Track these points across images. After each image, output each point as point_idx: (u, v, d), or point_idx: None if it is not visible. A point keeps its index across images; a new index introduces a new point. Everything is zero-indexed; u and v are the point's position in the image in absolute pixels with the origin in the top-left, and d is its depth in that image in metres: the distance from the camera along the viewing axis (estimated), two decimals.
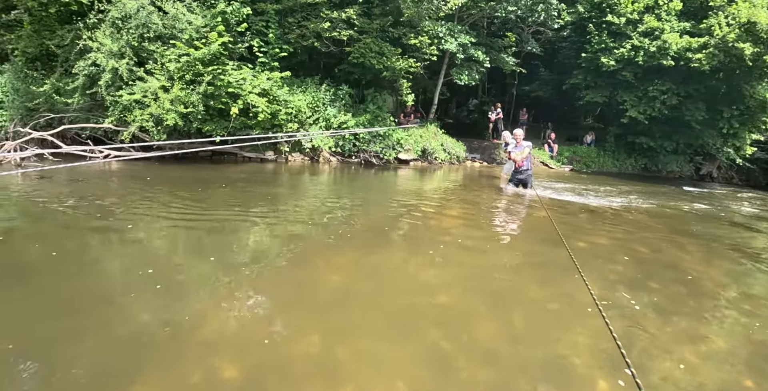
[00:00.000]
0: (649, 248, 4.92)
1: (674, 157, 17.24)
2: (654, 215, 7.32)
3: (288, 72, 10.46)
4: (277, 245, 4.10)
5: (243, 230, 4.52)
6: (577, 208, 7.26)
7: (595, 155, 16.90)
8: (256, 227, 4.68)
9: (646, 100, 14.53)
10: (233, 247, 3.96)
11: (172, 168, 9.23)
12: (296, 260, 3.71)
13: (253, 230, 4.55)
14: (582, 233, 5.28)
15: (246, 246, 4.00)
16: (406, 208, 6.12)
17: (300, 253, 3.88)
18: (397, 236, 4.55)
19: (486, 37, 15.26)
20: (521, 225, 5.60)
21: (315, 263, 3.66)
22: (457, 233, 4.82)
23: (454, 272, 3.66)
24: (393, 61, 10.61)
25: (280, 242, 4.20)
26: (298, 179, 8.89)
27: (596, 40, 14.57)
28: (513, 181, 8.50)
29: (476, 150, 15.44)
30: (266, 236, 4.39)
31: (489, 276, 3.63)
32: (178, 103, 9.28)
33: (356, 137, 11.50)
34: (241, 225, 4.73)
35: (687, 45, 12.97)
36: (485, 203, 7.12)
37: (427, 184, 9.28)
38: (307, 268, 3.55)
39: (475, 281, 3.51)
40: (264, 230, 4.58)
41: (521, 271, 3.80)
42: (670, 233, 5.98)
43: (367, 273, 3.50)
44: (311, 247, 4.05)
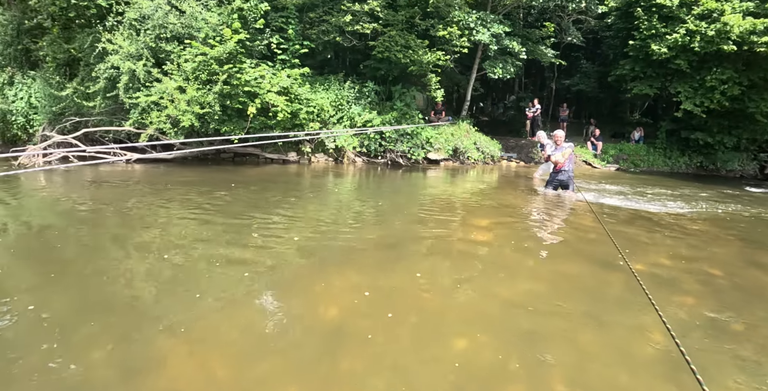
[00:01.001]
0: (723, 270, 4.02)
1: (735, 155, 15.60)
2: (719, 222, 6.28)
3: (306, 68, 9.93)
4: (273, 263, 3.52)
5: (238, 244, 3.98)
6: (627, 214, 6.33)
7: (644, 153, 15.53)
8: (254, 240, 4.13)
9: (703, 90, 13.11)
10: (216, 266, 3.41)
11: (191, 170, 8.95)
12: (290, 285, 3.12)
13: (249, 245, 3.99)
14: (638, 249, 4.42)
15: (235, 267, 3.44)
16: (431, 216, 5.42)
17: (296, 275, 3.29)
18: (414, 254, 3.87)
19: (522, 29, 14.26)
20: (564, 239, 4.79)
21: (311, 289, 3.05)
22: (487, 249, 4.09)
23: (480, 305, 2.96)
24: (420, 54, 9.90)
25: (277, 259, 3.61)
26: (318, 182, 8.36)
27: (645, 25, 13.27)
28: (552, 184, 7.63)
29: (512, 149, 14.47)
30: (263, 252, 3.82)
31: (525, 311, 2.90)
32: (194, 103, 8.96)
33: (382, 136, 10.87)
34: (239, 237, 4.19)
35: (751, 27, 11.53)
36: (521, 210, 6.31)
37: (457, 187, 8.51)
38: (300, 297, 2.95)
39: (508, 320, 2.79)
40: (263, 244, 4.01)
41: (566, 304, 3.05)
42: (744, 246, 5.00)
43: (370, 305, 2.86)
44: (312, 267, 3.45)
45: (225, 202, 5.75)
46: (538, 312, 2.86)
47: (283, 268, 3.41)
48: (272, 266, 3.43)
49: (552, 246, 4.36)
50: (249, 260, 3.57)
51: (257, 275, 3.26)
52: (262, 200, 5.96)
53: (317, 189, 7.51)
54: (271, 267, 3.42)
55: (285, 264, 3.48)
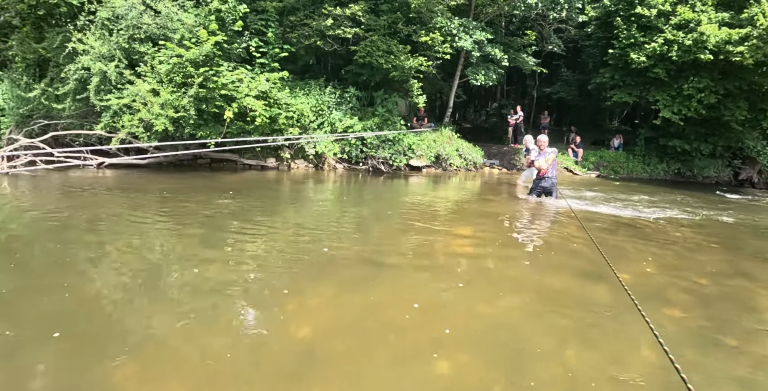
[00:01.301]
0: (710, 279, 3.93)
1: (711, 162, 15.91)
2: (700, 229, 6.27)
3: (285, 72, 9.71)
4: (245, 277, 3.27)
5: (209, 257, 3.72)
6: (610, 222, 6.27)
7: (624, 160, 15.71)
8: (226, 253, 3.88)
9: (681, 99, 13.33)
10: (184, 280, 3.16)
11: (166, 176, 8.60)
12: (261, 302, 2.88)
13: (221, 258, 3.74)
14: (623, 258, 4.31)
15: (204, 281, 3.19)
16: (412, 225, 5.24)
17: (269, 291, 3.05)
18: (394, 267, 3.67)
19: (504, 37, 14.33)
20: (548, 248, 4.66)
21: (283, 307, 2.82)
22: (470, 261, 3.92)
23: (463, 322, 2.77)
24: (402, 59, 9.78)
25: (250, 273, 3.37)
26: (297, 189, 8.11)
27: (624, 34, 13.47)
28: (535, 190, 7.55)
29: (495, 156, 14.45)
30: (236, 265, 3.57)
31: (510, 327, 2.73)
32: (168, 107, 8.64)
33: (364, 143, 10.69)
34: (211, 249, 3.94)
35: (727, 37, 11.78)
36: (504, 218, 6.18)
37: (439, 194, 8.37)
38: (271, 315, 2.71)
39: (493, 338, 2.61)
40: (236, 257, 3.76)
41: (552, 319, 2.89)
42: (727, 254, 4.95)
43: (345, 324, 2.65)
44: (286, 282, 3.22)
45: (199, 210, 5.47)
46: (523, 329, 2.70)
47: (255, 283, 3.17)
48: (244, 281, 3.19)
49: (536, 256, 4.22)
50: (220, 273, 3.32)
51: (227, 290, 3.02)
52: (238, 208, 5.70)
53: (296, 197, 7.27)
54: (242, 282, 3.17)
55: (257, 279, 3.24)
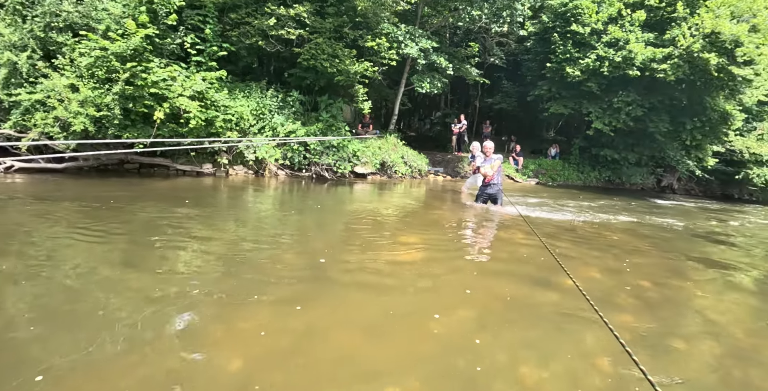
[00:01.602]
0: (651, 281, 3.98)
1: (637, 170, 17.06)
2: (636, 233, 6.51)
3: (224, 71, 9.17)
4: (168, 301, 2.82)
5: (131, 277, 3.23)
6: (553, 227, 6.35)
7: (560, 168, 16.45)
8: (149, 273, 3.39)
9: (611, 111, 14.17)
10: (99, 303, 2.68)
11: (87, 182, 7.74)
12: (185, 329, 2.46)
13: (143, 278, 3.25)
14: (569, 264, 4.28)
15: (122, 304, 2.72)
16: (357, 235, 4.97)
17: (195, 315, 2.63)
18: (335, 283, 3.35)
19: (449, 47, 14.58)
20: (495, 255, 4.56)
21: (211, 334, 2.41)
22: (417, 273, 3.69)
23: (412, 343, 2.52)
24: (347, 64, 9.56)
25: (174, 295, 2.92)
26: (233, 197, 7.57)
27: (561, 49, 14.15)
28: (481, 197, 7.55)
29: (439, 163, 14.57)
30: (159, 285, 3.10)
31: (462, 346, 2.52)
32: (89, 105, 7.83)
33: (307, 149, 10.31)
34: (134, 267, 3.43)
35: (652, 55, 12.68)
36: (452, 226, 6.06)
37: (385, 202, 8.16)
38: (197, 344, 2.30)
39: (444, 359, 2.37)
40: (161, 275, 3.29)
41: (505, 333, 2.71)
42: (662, 256, 5.12)
43: (284, 352, 2.30)
44: (215, 303, 2.81)
45: (125, 221, 4.87)
46: (476, 346, 2.49)
47: (178, 307, 2.73)
48: (166, 304, 2.74)
49: (484, 265, 4.08)
50: (139, 295, 2.85)
51: (143, 316, 2.57)
52: (167, 219, 5.14)
53: (232, 205, 6.77)
54: (163, 307, 2.72)
55: (180, 302, 2.80)
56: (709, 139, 14.93)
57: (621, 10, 13.48)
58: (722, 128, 14.52)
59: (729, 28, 11.25)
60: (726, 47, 11.57)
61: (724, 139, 15.29)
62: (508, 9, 12.42)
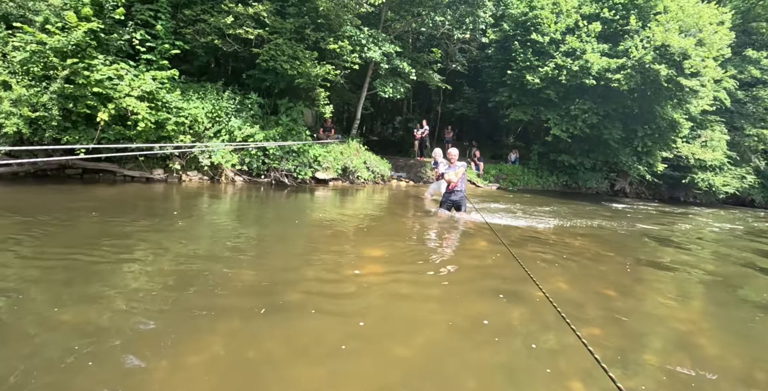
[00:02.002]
0: (617, 290, 3.95)
1: (592, 175, 17.63)
2: (597, 239, 6.59)
3: (175, 70, 8.66)
4: (98, 333, 2.47)
5: (59, 300, 2.84)
6: (518, 234, 6.32)
7: (520, 173, 16.75)
8: (79, 298, 3.00)
9: (568, 118, 14.56)
10: (19, 334, 2.30)
11: (22, 190, 7.10)
12: (117, 365, 2.13)
13: (73, 302, 2.87)
14: (537, 273, 4.18)
15: (49, 334, 2.35)
16: (316, 247, 4.70)
17: (128, 347, 2.30)
18: (291, 306, 3.06)
19: (412, 52, 14.57)
20: (461, 266, 4.42)
21: (149, 374, 2.09)
22: (380, 290, 3.48)
23: (375, 373, 2.30)
24: (308, 66, 9.27)
25: (104, 325, 2.56)
26: (184, 205, 7.10)
27: (521, 57, 14.42)
28: (446, 204, 7.45)
29: (402, 168, 14.48)
30: (93, 311, 2.73)
31: (428, 373, 2.33)
32: (23, 104, 7.17)
33: (266, 153, 9.92)
34: (65, 287, 3.03)
35: (606, 65, 13.12)
36: (416, 235, 5.90)
37: (347, 209, 7.91)
38: (134, 384, 1.99)
39: (408, 389, 2.18)
40: (96, 298, 2.91)
41: (473, 356, 2.55)
42: (623, 263, 5.15)
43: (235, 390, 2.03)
44: (152, 333, 2.48)
45: (57, 236, 4.38)
46: (443, 373, 2.31)
47: (117, 342, 2.39)
48: (103, 339, 2.39)
49: (451, 278, 3.92)
50: (71, 327, 2.48)
51: (77, 353, 2.22)
52: (107, 233, 4.69)
53: (183, 215, 6.32)
54: (100, 340, 2.37)
55: (121, 336, 2.45)
56: (659, 145, 15.64)
57: (578, 21, 13.91)
58: (671, 135, 15.25)
59: (678, 41, 11.81)
60: (675, 59, 12.14)
61: (672, 146, 16.07)
62: (471, 16, 12.53)
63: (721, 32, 13.37)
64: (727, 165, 19.44)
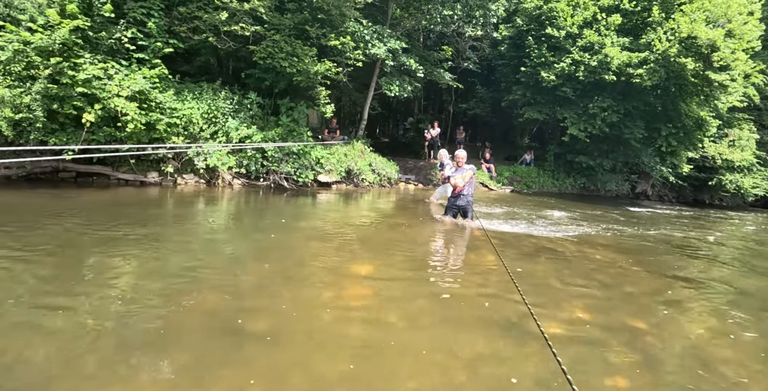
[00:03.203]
0: (646, 321, 3.32)
1: (612, 176, 16.79)
2: (621, 250, 5.92)
3: (164, 68, 8.22)
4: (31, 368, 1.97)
5: (33, 320, 2.36)
6: (530, 245, 5.69)
7: (536, 175, 16.01)
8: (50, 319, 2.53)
9: (586, 117, 13.79)
10: None
11: (13, 193, 6.85)
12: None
13: (41, 323, 2.39)
14: (549, 298, 3.60)
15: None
16: (303, 263, 4.16)
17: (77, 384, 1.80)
18: (261, 338, 2.55)
19: (421, 50, 13.98)
20: (462, 289, 3.82)
21: None
22: (365, 320, 2.91)
23: None
24: (306, 63, 8.76)
25: (46, 360, 2.07)
26: (171, 214, 6.64)
27: (536, 53, 13.71)
28: (451, 210, 6.85)
29: (411, 170, 13.90)
30: (64, 331, 2.25)
31: None
32: (6, 106, 6.82)
33: (265, 156, 9.44)
34: (43, 300, 2.56)
35: (628, 60, 12.34)
36: (414, 247, 5.31)
37: (346, 215, 7.36)
38: None
39: None
40: (51, 328, 2.43)
41: None
42: (652, 280, 4.50)
43: None
44: (111, 366, 1.98)
45: (25, 237, 3.96)
46: None
47: (57, 371, 1.89)
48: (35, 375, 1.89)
49: (447, 306, 3.33)
50: None
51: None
52: (75, 241, 4.24)
53: (168, 223, 5.86)
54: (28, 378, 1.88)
55: (64, 361, 1.95)
56: (684, 145, 14.75)
57: (596, 14, 13.14)
58: (696, 134, 14.35)
59: (705, 33, 10.98)
60: (702, 52, 11.31)
61: (698, 146, 15.15)
62: (481, 9, 11.89)
63: (750, 23, 12.47)
64: (757, 166, 18.37)
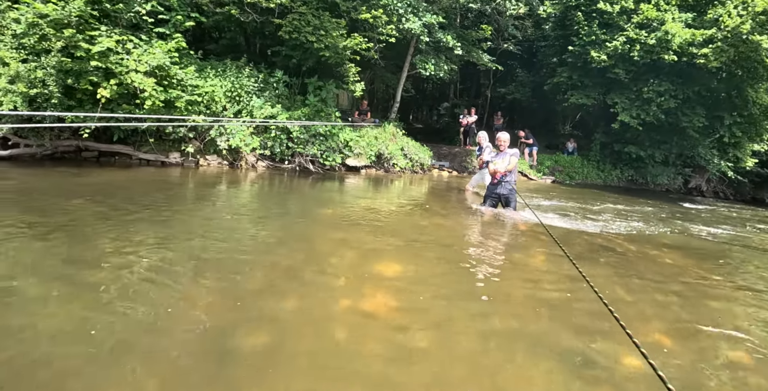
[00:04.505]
0: (749, 350, 2.55)
1: (664, 169, 15.40)
2: (689, 252, 5.05)
3: (181, 39, 7.69)
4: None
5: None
6: (585, 243, 4.91)
7: (579, 165, 14.87)
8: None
9: (640, 102, 12.56)
10: None
11: (35, 172, 6.63)
12: None
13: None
14: (622, 314, 2.86)
15: None
16: (316, 262, 3.53)
17: None
18: (241, 354, 1.99)
19: (459, 29, 13.03)
20: (511, 300, 3.14)
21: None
22: (383, 339, 2.30)
23: None
24: (334, 36, 8.09)
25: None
26: (187, 195, 6.19)
27: (585, 31, 12.52)
28: (490, 198, 6.11)
29: (445, 157, 13.12)
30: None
31: None
32: (21, 81, 6.51)
33: (290, 137, 8.90)
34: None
35: (691, 38, 11.02)
36: (448, 242, 4.59)
37: (374, 203, 6.69)
38: None
39: None
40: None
41: None
42: (737, 290, 3.68)
43: None
44: None
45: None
46: None
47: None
48: None
49: (492, 320, 2.65)
50: None
51: None
52: (75, 224, 3.81)
53: (185, 207, 5.41)
54: None
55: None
56: (749, 136, 13.27)
57: None
58: (765, 125, 12.85)
59: None
60: None
61: (765, 138, 13.62)
62: None
63: None
64: None
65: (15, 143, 7.63)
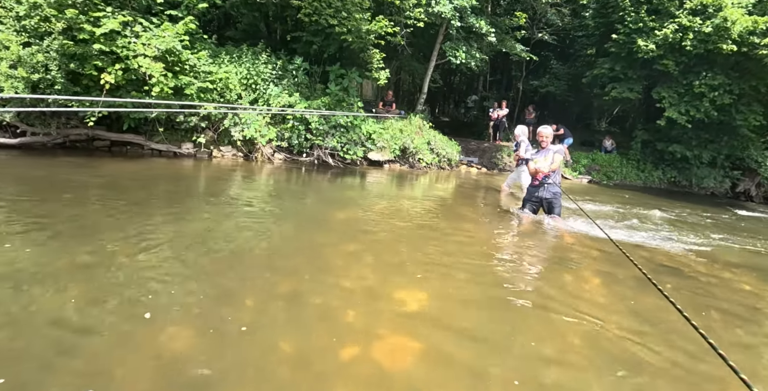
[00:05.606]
0: None
1: (710, 171, 14.17)
2: (763, 273, 4.24)
3: (191, 22, 7.13)
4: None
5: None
6: (643, 261, 4.13)
7: (618, 165, 13.82)
8: None
9: (690, 97, 11.46)
10: None
11: (45, 161, 6.34)
12: None
13: None
14: (741, 365, 2.16)
15: None
16: (323, 280, 2.93)
17: None
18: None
19: (491, 16, 12.17)
20: (563, 346, 2.47)
21: None
22: None
23: None
24: (357, 19, 7.42)
25: None
26: (194, 195, 5.66)
27: (632, 18, 11.45)
28: (530, 203, 5.39)
29: (474, 152, 12.34)
30: None
31: None
32: (23, 66, 6.11)
33: (309, 128, 8.33)
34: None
35: (753, 26, 9.88)
36: (479, 259, 3.83)
37: (397, 203, 5.98)
38: None
39: None
40: None
41: None
42: None
43: None
44: None
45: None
46: None
47: None
48: None
49: (544, 372, 2.00)
50: None
51: None
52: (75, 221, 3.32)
53: (185, 205, 4.90)
54: None
55: None
56: None
57: None
58: None
59: None
60: None
61: None
62: None
63: None
64: None
65: (23, 131, 7.32)
